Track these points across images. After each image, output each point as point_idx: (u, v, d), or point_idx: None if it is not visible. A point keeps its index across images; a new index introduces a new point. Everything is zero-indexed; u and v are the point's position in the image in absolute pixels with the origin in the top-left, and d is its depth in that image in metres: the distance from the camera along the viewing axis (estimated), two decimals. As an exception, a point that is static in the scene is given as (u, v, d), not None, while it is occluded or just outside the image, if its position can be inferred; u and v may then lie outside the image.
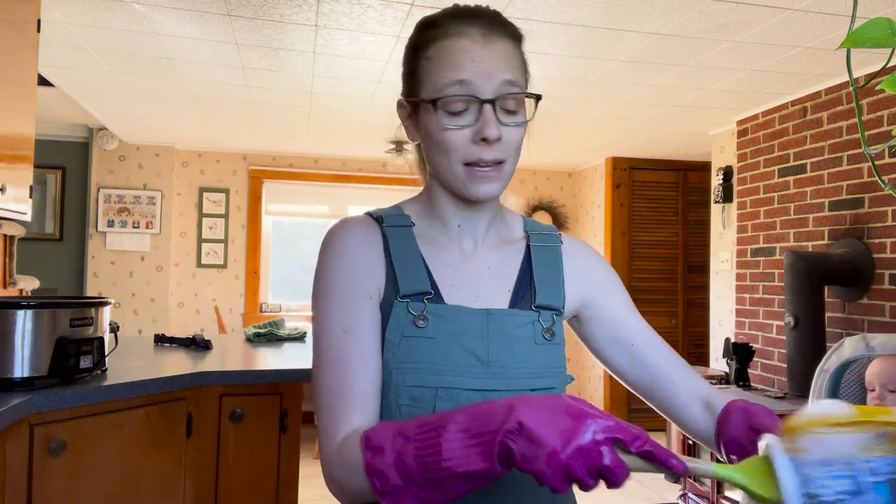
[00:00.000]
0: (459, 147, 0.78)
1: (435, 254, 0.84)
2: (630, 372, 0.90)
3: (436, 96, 0.78)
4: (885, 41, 0.66)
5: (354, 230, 0.83)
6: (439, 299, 0.81)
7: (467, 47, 0.78)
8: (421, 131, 0.83)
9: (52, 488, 1.50)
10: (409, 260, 0.82)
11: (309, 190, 5.48)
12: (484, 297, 0.83)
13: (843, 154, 3.06)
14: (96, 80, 3.39)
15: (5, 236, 2.70)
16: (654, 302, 5.16)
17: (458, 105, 0.78)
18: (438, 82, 0.78)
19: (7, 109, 1.91)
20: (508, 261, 0.87)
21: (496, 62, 0.78)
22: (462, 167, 0.79)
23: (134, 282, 4.94)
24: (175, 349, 2.33)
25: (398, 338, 0.77)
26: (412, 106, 0.84)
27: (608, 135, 4.43)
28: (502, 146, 0.79)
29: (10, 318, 1.51)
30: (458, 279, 0.83)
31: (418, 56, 0.82)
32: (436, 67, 0.79)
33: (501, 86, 0.78)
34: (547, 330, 0.83)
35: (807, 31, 2.54)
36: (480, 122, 0.77)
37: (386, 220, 0.85)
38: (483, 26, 0.79)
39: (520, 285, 0.86)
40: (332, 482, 0.71)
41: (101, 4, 2.43)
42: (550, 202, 5.78)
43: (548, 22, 2.49)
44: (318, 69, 3.13)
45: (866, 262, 2.87)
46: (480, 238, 0.87)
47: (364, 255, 0.81)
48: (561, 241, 0.92)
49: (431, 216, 0.87)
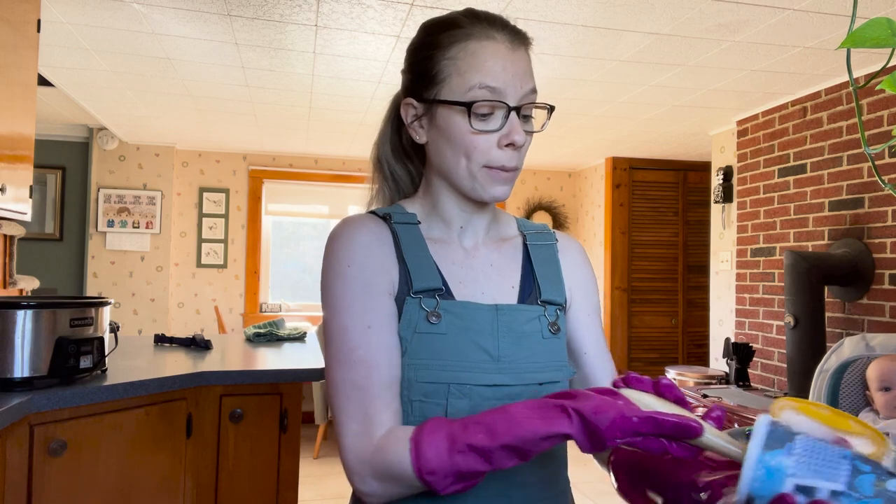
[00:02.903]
0: (484, 150, 0.80)
1: (440, 252, 0.85)
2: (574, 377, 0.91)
3: (465, 99, 0.78)
4: (885, 41, 0.66)
5: (365, 227, 0.83)
6: (450, 296, 0.82)
7: (498, 53, 0.79)
8: (433, 131, 0.83)
9: (52, 488, 1.50)
10: (420, 256, 0.83)
11: (309, 190, 5.48)
12: (490, 293, 0.84)
13: (843, 154, 3.06)
14: (96, 80, 3.39)
15: (5, 236, 2.70)
16: (654, 302, 5.16)
17: (486, 109, 0.79)
18: (466, 84, 0.78)
19: (7, 109, 1.91)
20: (509, 258, 0.89)
21: (522, 71, 0.81)
22: (481, 169, 0.80)
23: (134, 282, 4.94)
24: (175, 349, 2.33)
25: (411, 334, 0.78)
26: (425, 105, 0.83)
27: (608, 135, 4.43)
28: (519, 153, 0.81)
29: (10, 318, 1.51)
30: (464, 276, 0.85)
31: (437, 56, 0.81)
32: (463, 69, 0.79)
33: (525, 95, 0.80)
34: (552, 324, 0.85)
35: (807, 31, 2.54)
36: (507, 127, 0.79)
37: (394, 217, 0.85)
38: (510, 33, 0.81)
39: (524, 282, 0.87)
40: (366, 483, 0.71)
41: (101, 4, 2.43)
42: (550, 202, 5.78)
43: (548, 22, 2.49)
44: (318, 69, 3.13)
45: (866, 262, 2.87)
46: (480, 237, 0.89)
47: (378, 252, 0.81)
48: (556, 238, 0.94)
49: (433, 216, 0.88)
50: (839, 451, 0.52)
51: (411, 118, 0.85)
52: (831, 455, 0.52)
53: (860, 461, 0.52)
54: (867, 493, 0.50)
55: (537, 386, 0.81)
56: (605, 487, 3.88)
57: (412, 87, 0.85)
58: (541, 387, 0.81)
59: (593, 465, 4.29)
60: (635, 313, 5.14)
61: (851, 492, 0.50)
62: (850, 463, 0.51)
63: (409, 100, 0.85)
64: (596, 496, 3.71)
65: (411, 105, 0.85)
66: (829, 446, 0.53)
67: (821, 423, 0.55)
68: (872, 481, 0.50)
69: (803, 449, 0.52)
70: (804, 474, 0.51)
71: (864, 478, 0.51)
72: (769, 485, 0.52)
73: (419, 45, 0.84)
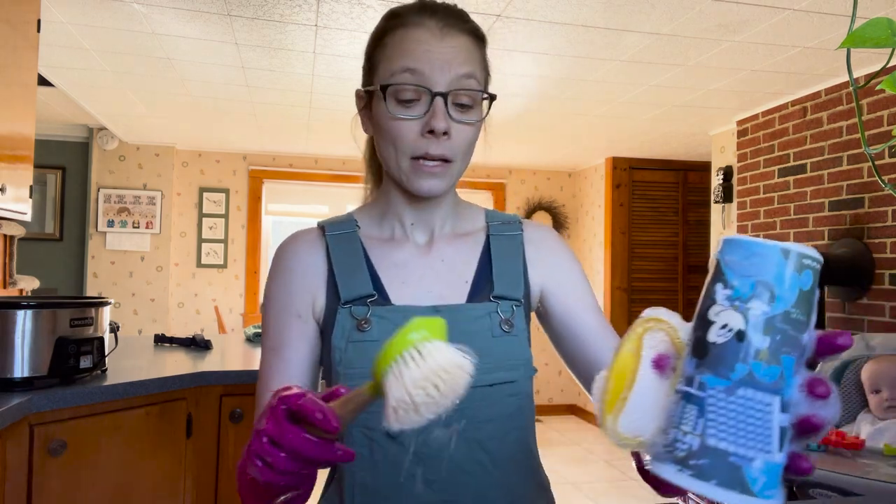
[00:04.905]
0: (408, 139, 0.76)
1: (385, 253, 0.83)
2: (576, 368, 0.86)
3: (386, 83, 0.76)
4: (885, 41, 0.66)
5: (293, 247, 0.84)
6: (385, 301, 0.79)
7: (423, 37, 0.76)
8: (372, 122, 0.82)
9: (52, 488, 1.50)
10: (351, 265, 0.81)
11: (309, 190, 5.48)
12: (438, 292, 0.81)
13: (843, 154, 3.06)
14: (96, 80, 3.39)
15: (5, 236, 2.70)
16: (654, 302, 5.13)
17: (409, 94, 0.76)
18: (390, 69, 0.77)
19: (7, 109, 1.91)
20: (465, 253, 0.85)
21: (452, 55, 0.77)
22: (408, 161, 0.77)
23: (134, 282, 4.94)
24: (175, 349, 2.33)
25: (344, 343, 0.77)
26: (368, 95, 0.82)
27: (608, 135, 4.43)
28: (451, 144, 0.77)
29: (10, 318, 1.51)
30: (410, 277, 0.82)
31: (374, 45, 0.81)
32: (389, 55, 0.78)
33: (456, 79, 0.76)
34: (505, 321, 0.80)
35: (807, 31, 2.54)
36: (429, 113, 0.75)
37: (328, 228, 0.85)
38: (440, 18, 0.78)
39: (479, 277, 0.83)
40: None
41: (101, 4, 2.43)
42: (550, 202, 5.78)
43: (548, 22, 2.49)
44: (318, 69, 3.13)
45: (866, 262, 2.87)
46: (436, 232, 0.85)
47: (300, 272, 0.82)
48: (521, 229, 0.88)
49: (389, 213, 0.86)
50: None
51: (360, 109, 0.85)
52: None
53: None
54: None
55: (487, 388, 0.76)
56: (604, 487, 3.88)
57: (362, 79, 0.85)
58: (491, 388, 0.77)
59: (594, 466, 4.29)
60: (635, 313, 5.08)
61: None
62: None
63: (358, 90, 0.85)
64: (597, 496, 3.71)
65: (359, 96, 0.85)
66: None
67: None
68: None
69: None
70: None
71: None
72: None
73: (370, 37, 0.84)
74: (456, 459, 0.76)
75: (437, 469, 0.75)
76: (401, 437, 0.75)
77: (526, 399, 0.82)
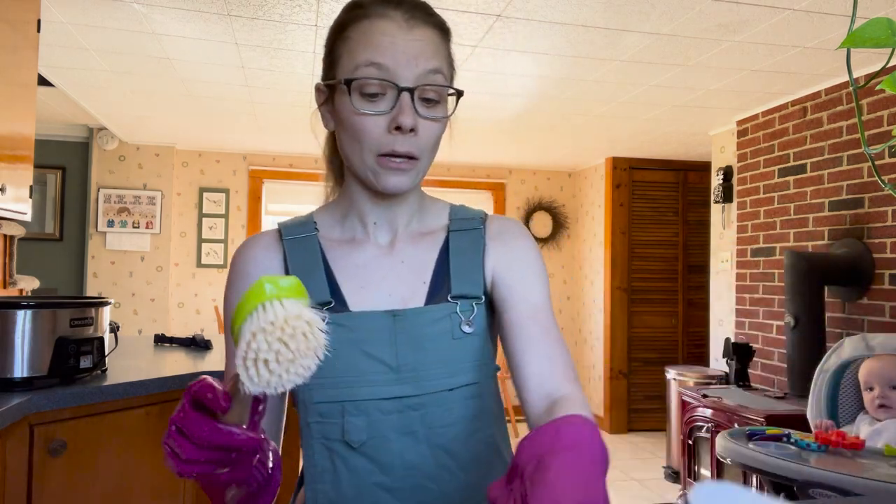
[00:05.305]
0: (373, 135, 0.74)
1: (345, 256, 0.81)
2: (510, 359, 0.78)
3: (350, 77, 0.74)
4: (885, 41, 0.66)
5: (251, 252, 0.82)
6: (342, 307, 0.77)
7: (388, 30, 0.74)
8: (335, 117, 0.79)
9: (52, 488, 1.50)
10: (308, 271, 0.79)
11: (309, 190, 5.48)
12: (398, 294, 0.79)
13: (843, 154, 3.06)
14: (96, 80, 3.39)
15: (5, 236, 2.70)
16: (654, 302, 5.16)
17: (374, 88, 0.73)
18: (354, 62, 0.74)
19: (7, 109, 1.91)
20: (425, 252, 0.82)
21: (419, 49, 0.74)
22: (374, 157, 0.75)
23: (134, 282, 4.94)
24: (175, 349, 2.33)
25: None
26: (329, 90, 0.79)
27: (608, 135, 4.43)
28: (418, 140, 0.75)
29: (10, 318, 1.51)
30: (370, 280, 0.79)
31: (335, 37, 0.78)
32: (353, 48, 0.75)
33: (423, 74, 0.74)
34: (466, 322, 0.77)
35: (807, 31, 2.54)
36: (396, 109, 0.73)
37: (285, 231, 0.83)
38: (406, 11, 0.75)
39: (436, 277, 0.80)
40: None
41: (101, 4, 2.43)
42: (550, 202, 5.78)
43: (548, 22, 2.49)
44: (318, 69, 3.13)
45: (866, 262, 2.87)
46: (400, 231, 0.83)
47: (256, 276, 0.79)
48: (483, 224, 0.84)
49: (351, 213, 0.83)
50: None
51: (320, 104, 0.82)
52: None
53: None
54: None
55: (447, 392, 0.75)
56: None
57: (323, 72, 0.82)
58: (451, 392, 0.75)
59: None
60: (635, 313, 5.14)
61: None
62: None
63: (318, 84, 0.81)
64: (596, 496, 3.71)
65: (319, 90, 0.81)
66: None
67: None
68: None
69: None
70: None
71: None
72: None
73: (330, 29, 0.81)
74: (420, 466, 0.74)
75: (400, 477, 0.74)
76: (362, 447, 0.74)
77: (489, 398, 0.80)
